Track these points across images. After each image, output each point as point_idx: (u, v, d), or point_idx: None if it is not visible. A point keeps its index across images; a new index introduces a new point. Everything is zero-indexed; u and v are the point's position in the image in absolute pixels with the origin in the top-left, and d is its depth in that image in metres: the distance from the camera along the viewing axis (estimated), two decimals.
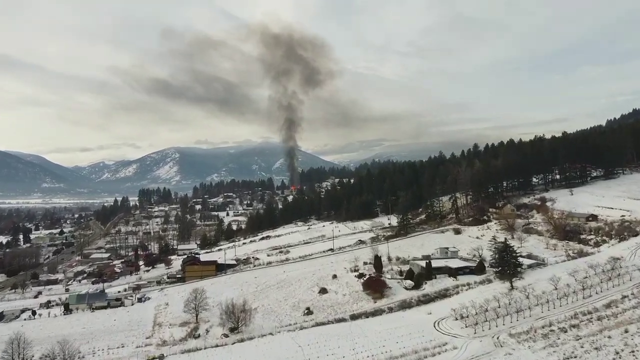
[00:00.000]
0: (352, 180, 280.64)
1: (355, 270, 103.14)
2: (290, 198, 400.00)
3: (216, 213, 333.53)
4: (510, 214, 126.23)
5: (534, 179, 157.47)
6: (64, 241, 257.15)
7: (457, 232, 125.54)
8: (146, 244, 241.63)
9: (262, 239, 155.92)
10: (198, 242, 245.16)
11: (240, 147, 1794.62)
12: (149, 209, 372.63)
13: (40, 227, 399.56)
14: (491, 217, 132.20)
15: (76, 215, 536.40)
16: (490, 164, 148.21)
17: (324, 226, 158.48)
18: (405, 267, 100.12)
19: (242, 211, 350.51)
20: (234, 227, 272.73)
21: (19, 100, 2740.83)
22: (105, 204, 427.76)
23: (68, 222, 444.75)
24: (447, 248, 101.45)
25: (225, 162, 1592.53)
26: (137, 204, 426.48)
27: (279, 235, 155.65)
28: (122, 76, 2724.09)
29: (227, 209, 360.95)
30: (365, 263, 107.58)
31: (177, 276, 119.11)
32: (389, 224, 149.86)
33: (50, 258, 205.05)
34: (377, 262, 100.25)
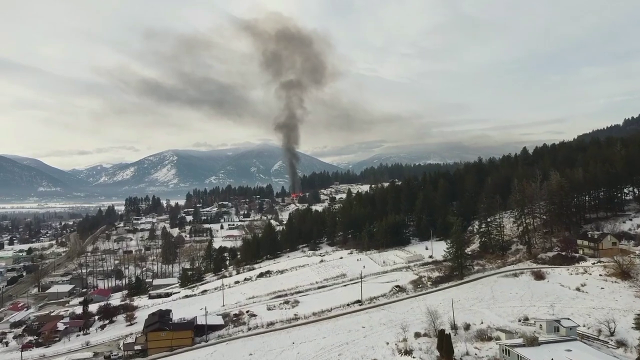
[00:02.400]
0: (369, 191, 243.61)
1: (407, 352, 65.44)
2: (291, 207, 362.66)
3: (209, 226, 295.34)
4: (614, 249, 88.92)
5: (617, 194, 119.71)
6: (28, 264, 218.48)
7: (539, 276, 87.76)
8: (123, 267, 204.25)
9: (261, 275, 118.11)
10: (186, 265, 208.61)
11: (238, 149, 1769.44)
12: (135, 221, 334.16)
13: (15, 241, 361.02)
14: (582, 251, 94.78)
15: (63, 223, 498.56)
16: (565, 174, 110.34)
17: (341, 258, 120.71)
18: (488, 348, 62.84)
19: (239, 223, 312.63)
20: (228, 245, 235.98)
21: (15, 103, 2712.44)
22: (89, 215, 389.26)
23: (48, 234, 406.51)
24: (558, 321, 63.64)
25: (223, 165, 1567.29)
26: (124, 212, 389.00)
27: (282, 272, 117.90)
28: (121, 79, 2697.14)
29: (222, 220, 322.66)
30: (418, 334, 70.17)
31: (137, 347, 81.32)
32: (430, 256, 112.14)
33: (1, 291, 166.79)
34: (444, 341, 62.53)
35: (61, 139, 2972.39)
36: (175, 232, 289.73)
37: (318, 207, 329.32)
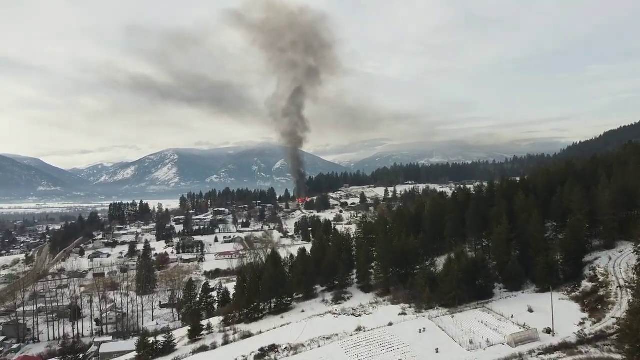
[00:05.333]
0: (384, 194, 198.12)
1: None
2: (297, 214, 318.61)
3: (201, 238, 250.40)
4: None
5: None
6: None
7: None
8: (84, 300, 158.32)
9: (262, 355, 72.38)
10: (165, 298, 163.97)
11: (240, 148, 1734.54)
12: (117, 232, 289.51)
13: None
14: None
15: (49, 228, 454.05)
16: None
17: (390, 324, 74.74)
18: None
19: (237, 234, 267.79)
20: (223, 267, 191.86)
21: (16, 102, 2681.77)
22: (69, 223, 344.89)
23: (23, 244, 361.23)
24: None
25: (224, 164, 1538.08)
26: (107, 219, 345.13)
27: (296, 349, 71.73)
28: (123, 78, 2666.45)
29: (217, 230, 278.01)
30: None
31: None
32: (548, 330, 65.97)
33: None
34: None
35: (63, 138, 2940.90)
36: (161, 246, 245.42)
37: (328, 215, 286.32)
